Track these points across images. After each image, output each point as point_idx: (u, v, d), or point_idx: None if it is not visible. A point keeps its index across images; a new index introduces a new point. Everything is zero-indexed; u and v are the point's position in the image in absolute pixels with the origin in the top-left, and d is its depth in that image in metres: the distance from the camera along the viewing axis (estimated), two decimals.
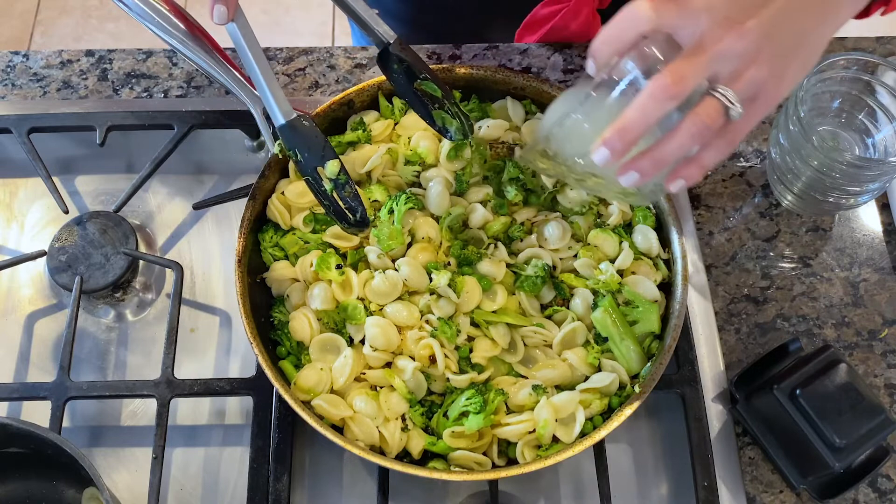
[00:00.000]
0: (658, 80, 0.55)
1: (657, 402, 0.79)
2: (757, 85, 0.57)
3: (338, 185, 0.68)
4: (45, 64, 0.94)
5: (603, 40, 0.58)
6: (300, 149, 0.67)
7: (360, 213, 0.69)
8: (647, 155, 0.58)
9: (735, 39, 0.56)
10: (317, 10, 2.29)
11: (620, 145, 0.56)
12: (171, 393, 0.75)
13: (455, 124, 0.75)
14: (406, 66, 0.72)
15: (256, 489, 0.72)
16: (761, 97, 0.58)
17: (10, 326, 0.84)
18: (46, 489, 0.73)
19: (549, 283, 0.75)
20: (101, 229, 0.84)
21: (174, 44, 0.75)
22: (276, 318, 0.76)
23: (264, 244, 0.77)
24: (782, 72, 0.58)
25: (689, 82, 0.55)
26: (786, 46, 0.58)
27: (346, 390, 0.72)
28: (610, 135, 0.56)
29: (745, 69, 0.56)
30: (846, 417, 0.69)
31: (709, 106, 0.56)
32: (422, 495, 0.77)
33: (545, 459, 0.67)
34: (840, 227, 0.87)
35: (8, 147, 0.89)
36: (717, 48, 0.56)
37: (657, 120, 0.56)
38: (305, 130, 0.67)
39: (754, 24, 0.56)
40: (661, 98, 0.55)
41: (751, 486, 0.75)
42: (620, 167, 0.59)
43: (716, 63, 0.56)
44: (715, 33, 0.56)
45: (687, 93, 0.55)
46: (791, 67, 0.58)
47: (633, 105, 0.56)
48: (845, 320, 0.82)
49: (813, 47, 0.60)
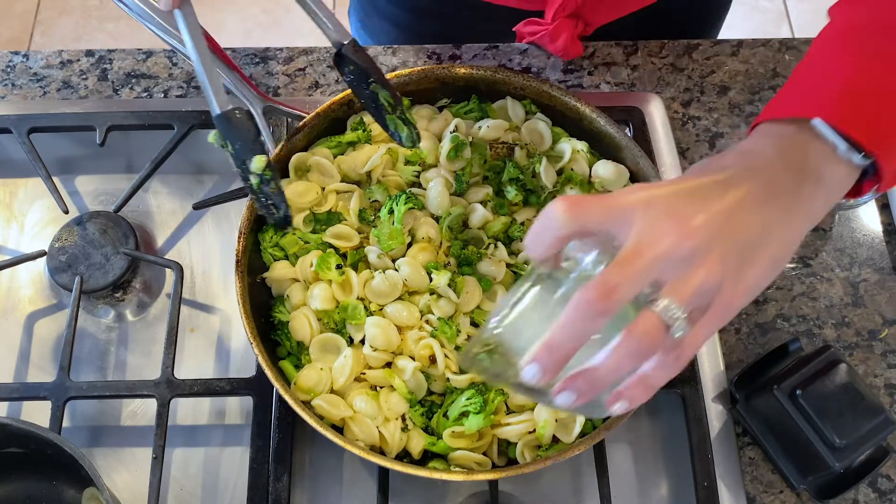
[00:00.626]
0: (584, 294, 0.47)
1: (657, 402, 0.79)
2: (709, 292, 0.48)
3: (263, 181, 0.69)
4: (45, 64, 0.94)
5: (530, 237, 0.51)
6: (232, 140, 0.68)
7: (282, 211, 0.70)
8: (583, 375, 0.49)
9: (679, 239, 0.47)
10: None
11: (550, 363, 0.48)
12: (171, 393, 0.75)
13: (406, 131, 0.75)
14: (358, 69, 0.73)
15: (256, 489, 0.72)
16: (716, 305, 0.49)
17: (10, 326, 0.84)
18: (46, 489, 0.73)
19: None
20: (101, 229, 0.84)
21: (174, 44, 0.75)
22: (276, 318, 0.76)
23: (264, 244, 0.77)
24: (741, 275, 0.49)
25: (620, 295, 0.46)
26: (745, 245, 0.49)
27: (346, 390, 0.72)
28: (538, 351, 0.48)
29: (693, 274, 0.47)
30: (846, 417, 0.69)
31: (647, 322, 0.47)
32: (422, 495, 0.77)
33: (545, 459, 0.67)
34: (840, 227, 0.87)
35: (8, 147, 0.89)
36: (657, 251, 0.47)
37: (588, 337, 0.48)
38: (239, 123, 0.68)
39: (702, 221, 0.48)
40: (587, 315, 0.47)
41: (751, 486, 0.75)
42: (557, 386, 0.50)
43: (656, 269, 0.47)
44: (654, 233, 0.48)
45: (618, 307, 0.47)
46: (753, 270, 0.49)
47: (560, 320, 0.48)
48: (845, 320, 0.82)
49: (782, 244, 0.51)
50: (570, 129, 0.82)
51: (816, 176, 0.51)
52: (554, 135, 0.81)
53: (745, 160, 0.52)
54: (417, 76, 0.81)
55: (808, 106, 0.52)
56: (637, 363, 0.48)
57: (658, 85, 0.93)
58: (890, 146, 0.52)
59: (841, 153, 0.51)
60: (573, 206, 0.49)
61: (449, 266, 0.76)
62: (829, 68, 0.54)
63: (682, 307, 0.47)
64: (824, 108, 0.52)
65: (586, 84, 0.93)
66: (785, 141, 0.53)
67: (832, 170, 0.52)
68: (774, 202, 0.50)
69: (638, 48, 0.95)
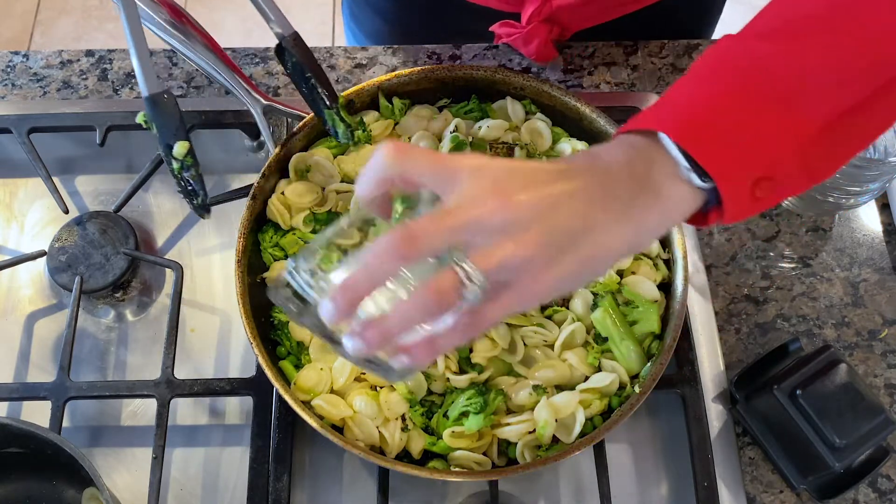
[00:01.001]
0: (386, 238, 0.47)
1: (657, 402, 0.79)
2: (513, 269, 0.47)
3: (184, 167, 0.70)
4: (45, 64, 0.94)
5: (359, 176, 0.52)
6: (157, 123, 0.69)
7: (200, 198, 0.73)
8: (373, 323, 0.49)
9: (497, 208, 0.47)
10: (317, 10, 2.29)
11: (343, 303, 0.48)
12: (171, 393, 0.75)
13: (342, 127, 0.76)
14: (298, 62, 0.74)
15: (256, 489, 0.72)
16: (517, 286, 0.48)
17: (10, 326, 0.84)
18: (46, 489, 0.73)
19: None
20: (101, 229, 0.84)
21: (174, 44, 0.75)
22: (276, 318, 0.76)
23: (264, 244, 0.77)
24: (551, 262, 0.48)
25: (422, 244, 0.46)
26: (563, 235, 0.48)
27: (346, 390, 0.72)
28: (334, 291, 0.48)
29: (502, 246, 0.47)
30: (846, 417, 0.69)
31: (443, 278, 0.47)
32: (422, 495, 0.77)
33: (545, 459, 0.67)
34: (840, 227, 0.87)
35: (8, 147, 0.89)
36: (471, 214, 0.47)
37: (383, 280, 0.48)
38: (165, 107, 0.69)
39: (526, 199, 0.47)
40: (386, 258, 0.47)
41: (751, 486, 0.75)
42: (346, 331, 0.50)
43: (466, 231, 0.47)
44: (474, 198, 0.47)
45: (418, 256, 0.47)
46: (564, 263, 0.48)
47: (360, 261, 0.48)
48: (845, 320, 0.82)
49: (601, 247, 0.49)
50: (570, 129, 0.82)
51: (655, 191, 0.51)
52: (554, 135, 0.81)
53: (591, 160, 0.52)
54: (417, 76, 0.81)
55: (662, 121, 0.52)
56: (426, 317, 0.48)
57: (658, 85, 0.93)
58: (731, 173, 0.51)
59: (682, 171, 0.51)
60: (399, 152, 0.50)
61: None
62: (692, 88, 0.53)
63: (482, 275, 0.47)
64: (673, 124, 0.51)
65: (586, 84, 0.93)
66: (634, 151, 0.52)
67: (672, 187, 0.51)
68: (605, 204, 0.50)
69: (638, 48, 0.95)
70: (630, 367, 0.72)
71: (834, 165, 0.55)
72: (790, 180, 0.53)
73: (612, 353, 0.73)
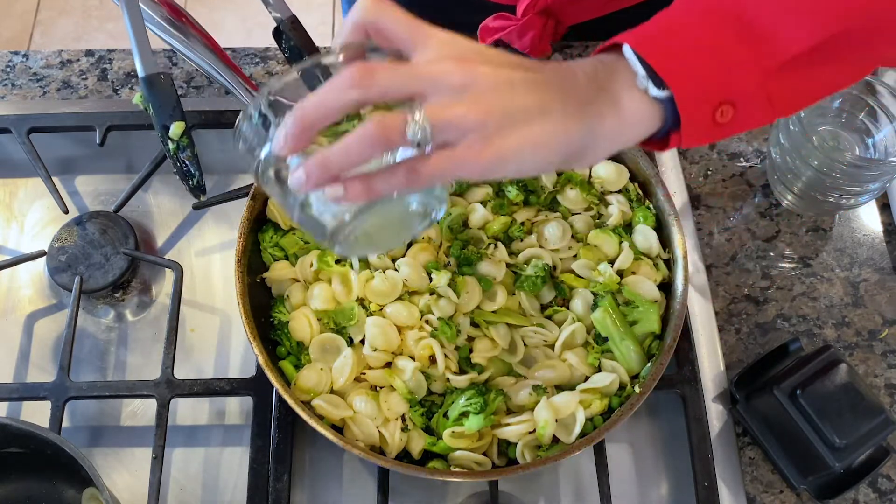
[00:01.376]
0: (345, 70, 0.48)
1: (657, 402, 0.79)
2: (459, 129, 0.48)
3: (180, 147, 0.71)
4: (44, 64, 0.94)
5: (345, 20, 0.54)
6: (154, 103, 0.70)
7: (196, 179, 0.73)
8: (317, 156, 0.49)
9: (456, 71, 0.49)
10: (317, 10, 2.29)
11: (294, 128, 0.49)
12: (170, 393, 0.75)
13: None
14: (295, 46, 0.75)
15: (256, 489, 0.72)
16: (462, 148, 0.48)
17: (10, 326, 0.84)
18: (46, 489, 0.73)
19: (550, 283, 0.75)
20: (101, 229, 0.84)
21: (174, 43, 0.75)
22: (276, 318, 0.76)
23: (264, 244, 0.77)
24: (497, 135, 0.48)
25: (379, 78, 0.48)
26: (515, 111, 0.49)
27: (346, 390, 0.72)
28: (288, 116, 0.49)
29: (455, 105, 0.48)
30: (846, 417, 0.69)
31: (391, 116, 0.48)
32: (422, 495, 0.77)
33: (545, 459, 0.67)
34: (840, 227, 0.87)
35: (8, 147, 0.89)
36: (430, 70, 0.49)
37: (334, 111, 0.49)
38: (162, 87, 0.70)
39: (487, 71, 0.49)
40: (340, 87, 0.48)
41: (751, 486, 0.75)
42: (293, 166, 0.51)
43: (421, 83, 0.49)
44: (438, 59, 0.49)
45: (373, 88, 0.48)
46: (512, 137, 0.49)
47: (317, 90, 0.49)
48: (845, 320, 0.82)
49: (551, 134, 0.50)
50: None
51: (613, 99, 0.52)
52: None
53: (559, 64, 0.54)
54: None
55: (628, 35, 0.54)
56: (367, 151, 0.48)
57: None
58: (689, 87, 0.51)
59: (639, 80, 0.52)
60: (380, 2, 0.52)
61: (449, 266, 0.76)
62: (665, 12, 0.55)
63: (430, 124, 0.48)
64: (635, 37, 0.53)
65: None
66: (601, 64, 0.54)
67: (630, 96, 0.52)
68: (563, 97, 0.51)
69: None
70: (630, 367, 0.72)
71: (798, 102, 0.56)
72: (753, 108, 0.53)
73: (612, 353, 0.73)
